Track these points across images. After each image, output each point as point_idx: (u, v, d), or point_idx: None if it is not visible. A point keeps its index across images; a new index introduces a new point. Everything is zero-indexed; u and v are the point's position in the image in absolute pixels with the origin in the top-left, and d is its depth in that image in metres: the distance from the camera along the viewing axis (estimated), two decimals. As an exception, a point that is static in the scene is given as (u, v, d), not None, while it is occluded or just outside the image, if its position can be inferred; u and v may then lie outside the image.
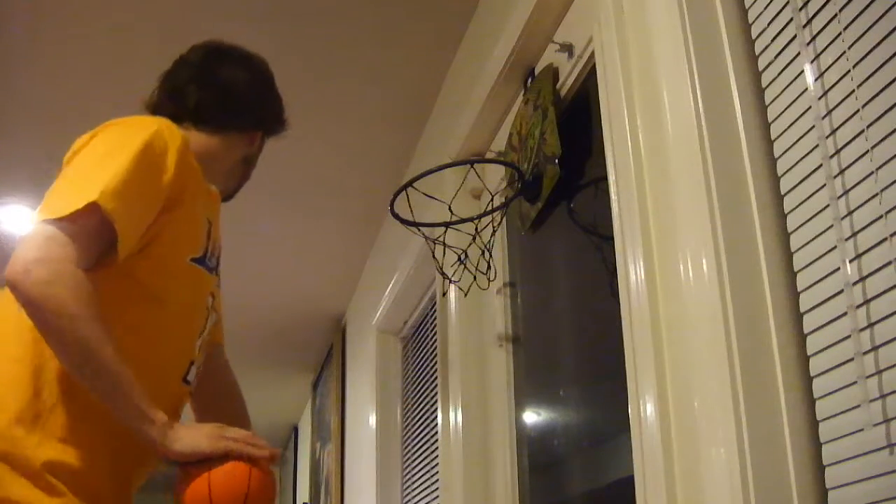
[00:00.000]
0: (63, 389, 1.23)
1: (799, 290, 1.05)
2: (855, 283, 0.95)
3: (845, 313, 0.96)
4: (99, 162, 1.28)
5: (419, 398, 3.08)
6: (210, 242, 1.41)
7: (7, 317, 1.26)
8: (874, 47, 0.94)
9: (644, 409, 1.21)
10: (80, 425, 1.23)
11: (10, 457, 1.18)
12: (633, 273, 1.28)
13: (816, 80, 1.04)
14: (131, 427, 1.20)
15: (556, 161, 1.70)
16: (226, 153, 1.51)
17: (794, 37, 1.08)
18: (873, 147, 0.94)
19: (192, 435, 1.22)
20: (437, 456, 2.55)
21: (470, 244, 2.01)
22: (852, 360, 0.94)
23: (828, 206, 1.00)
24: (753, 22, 1.18)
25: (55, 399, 1.23)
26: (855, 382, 0.94)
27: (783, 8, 1.11)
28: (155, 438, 1.19)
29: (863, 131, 0.96)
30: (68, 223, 1.20)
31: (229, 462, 1.21)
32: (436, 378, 2.61)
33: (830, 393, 0.99)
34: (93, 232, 1.22)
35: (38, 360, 1.24)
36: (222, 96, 1.52)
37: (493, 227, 2.03)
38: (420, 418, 3.03)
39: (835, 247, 0.99)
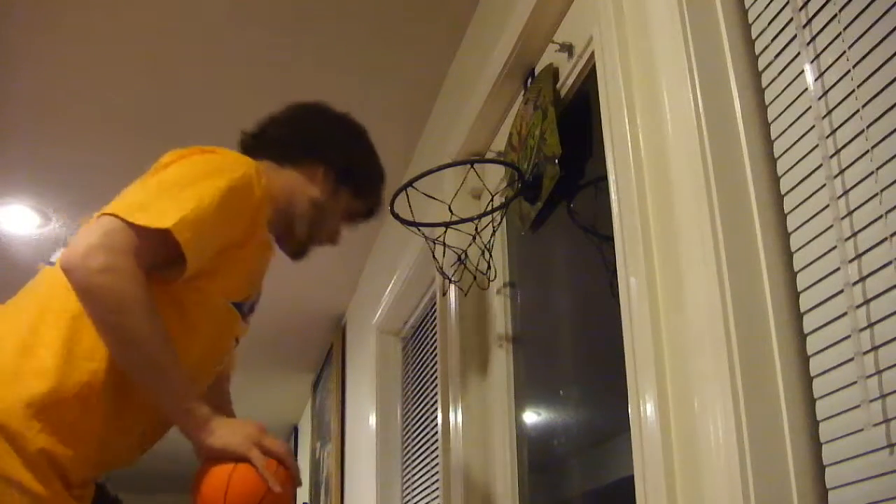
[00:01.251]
0: (84, 388, 1.25)
1: (799, 290, 1.06)
2: (855, 283, 0.95)
3: (845, 313, 0.96)
4: (188, 184, 1.28)
5: (419, 398, 3.08)
6: (253, 291, 1.44)
7: (51, 299, 1.28)
8: (874, 47, 0.94)
9: (644, 409, 1.21)
10: (81, 423, 1.25)
11: (14, 437, 1.19)
12: (633, 273, 1.28)
13: (816, 80, 1.04)
14: (172, 418, 1.23)
15: (556, 161, 1.70)
16: (289, 190, 1.50)
17: (794, 37, 1.08)
18: (873, 147, 0.94)
19: (228, 432, 1.23)
20: (437, 456, 2.55)
21: (470, 244, 2.01)
22: (852, 360, 0.94)
23: (828, 206, 1.00)
24: (753, 22, 1.18)
25: (71, 395, 1.24)
26: (855, 382, 0.94)
27: (783, 8, 1.11)
28: (192, 431, 1.22)
29: (863, 131, 0.96)
30: (136, 231, 1.22)
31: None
32: (436, 378, 2.61)
33: (830, 393, 0.99)
34: (155, 249, 1.23)
35: (70, 354, 1.25)
36: (287, 125, 1.55)
37: (493, 227, 2.03)
38: (420, 418, 3.03)
39: (835, 247, 0.99)
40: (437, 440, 2.51)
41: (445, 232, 2.08)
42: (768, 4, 1.14)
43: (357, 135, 1.65)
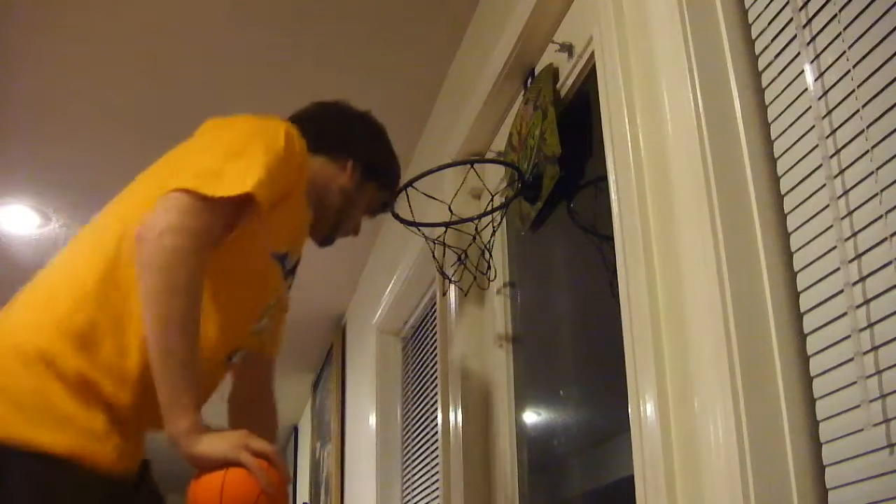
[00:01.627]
0: (119, 324, 1.27)
1: (799, 290, 1.06)
2: (855, 283, 0.95)
3: (845, 313, 0.96)
4: (247, 145, 1.33)
5: (419, 398, 3.08)
6: (292, 251, 1.47)
7: (110, 249, 1.31)
8: (874, 47, 0.94)
9: (644, 409, 1.21)
10: (117, 359, 1.26)
11: (52, 359, 1.21)
12: (633, 273, 1.28)
13: (816, 80, 1.04)
14: (164, 412, 1.22)
15: (556, 161, 1.70)
16: (322, 176, 1.57)
17: (794, 37, 1.08)
18: (873, 147, 0.94)
19: (215, 439, 1.22)
20: (437, 456, 2.55)
21: (470, 244, 2.02)
22: (852, 360, 0.94)
23: (828, 206, 1.00)
24: (753, 22, 1.18)
25: (107, 327, 1.26)
26: (855, 382, 0.94)
27: (783, 8, 1.11)
28: (178, 434, 1.21)
29: (863, 131, 0.96)
30: (213, 206, 1.25)
31: (245, 469, 1.21)
32: (436, 378, 2.61)
33: (830, 393, 0.99)
34: (228, 219, 1.29)
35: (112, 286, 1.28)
36: (315, 120, 1.62)
37: (493, 227, 2.03)
38: (420, 418, 3.03)
39: (835, 247, 0.99)
40: (437, 440, 2.51)
41: (445, 232, 2.08)
42: (768, 4, 1.14)
43: (379, 132, 1.75)
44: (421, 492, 2.92)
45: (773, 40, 1.13)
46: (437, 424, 2.46)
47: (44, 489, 1.16)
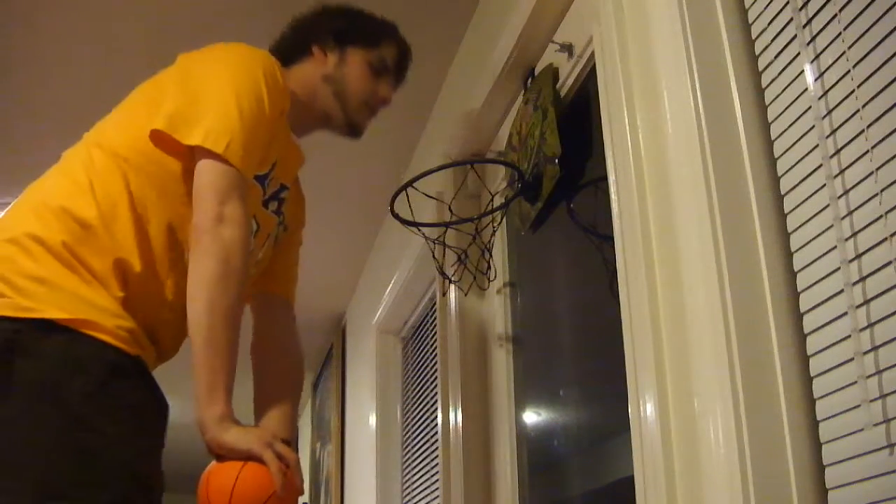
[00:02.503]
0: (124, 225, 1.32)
1: (799, 290, 1.06)
2: (855, 283, 0.95)
3: (845, 313, 0.96)
4: (229, 94, 1.35)
5: (419, 398, 3.08)
6: (272, 172, 1.46)
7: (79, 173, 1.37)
8: (874, 47, 0.94)
9: (644, 409, 1.21)
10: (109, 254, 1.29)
11: (45, 241, 1.26)
12: (632, 273, 1.28)
13: (816, 80, 1.04)
14: (196, 394, 1.24)
15: (556, 161, 1.70)
16: (303, 83, 1.56)
17: (794, 37, 1.08)
18: (873, 147, 0.94)
19: (241, 431, 1.24)
20: (437, 456, 2.55)
21: (470, 244, 2.01)
22: (852, 360, 0.94)
23: (828, 206, 1.00)
24: (753, 22, 1.18)
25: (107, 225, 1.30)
26: (855, 382, 0.94)
27: (783, 8, 1.11)
28: (209, 420, 1.23)
29: (863, 131, 0.96)
30: (236, 169, 1.31)
31: (263, 466, 1.23)
32: (436, 378, 2.61)
33: (830, 393, 0.99)
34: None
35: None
36: (278, 40, 1.63)
37: (493, 227, 2.03)
38: (420, 418, 3.03)
39: (835, 247, 0.99)
40: (437, 440, 2.51)
41: (445, 232, 2.08)
42: (768, 4, 1.14)
43: (339, 3, 1.68)
44: (421, 492, 2.92)
45: (773, 40, 1.13)
46: (437, 424, 2.46)
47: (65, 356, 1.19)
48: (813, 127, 1.04)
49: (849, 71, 0.98)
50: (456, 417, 2.18)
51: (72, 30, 2.42)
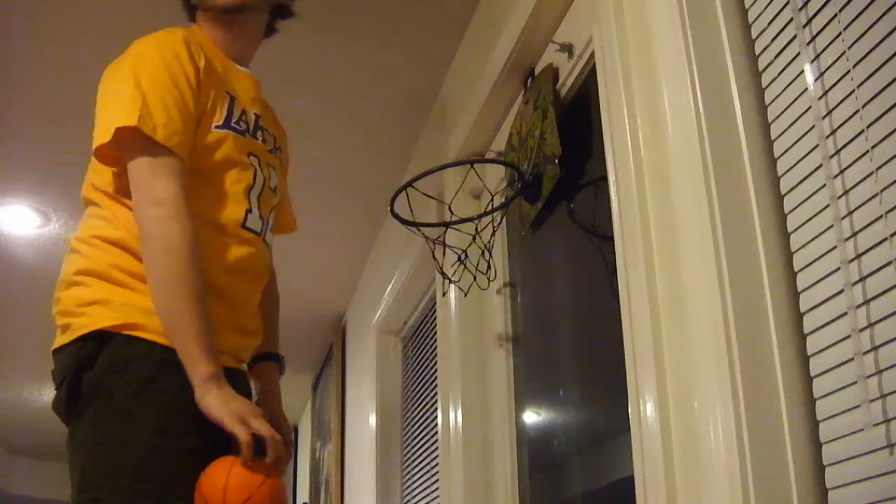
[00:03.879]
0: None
1: (799, 290, 1.06)
2: (855, 283, 0.95)
3: (845, 313, 0.96)
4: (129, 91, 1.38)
5: (419, 398, 3.08)
6: (236, 111, 1.47)
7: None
8: (874, 47, 0.95)
9: (644, 409, 1.21)
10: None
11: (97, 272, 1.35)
12: (633, 273, 1.28)
13: (816, 80, 1.04)
14: (183, 359, 1.28)
15: (556, 161, 1.70)
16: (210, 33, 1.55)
17: (794, 37, 1.08)
18: (873, 147, 0.94)
19: (221, 400, 1.26)
20: (437, 456, 2.55)
21: (470, 244, 2.01)
22: (852, 360, 0.95)
23: (828, 206, 1.00)
24: (753, 22, 1.18)
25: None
26: (855, 382, 0.94)
27: (783, 8, 1.11)
28: (193, 381, 1.26)
29: (863, 131, 0.96)
30: (168, 150, 1.34)
31: (251, 462, 1.24)
32: (436, 378, 2.61)
33: (830, 393, 0.99)
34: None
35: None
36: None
37: (493, 227, 2.03)
38: (420, 418, 3.03)
39: (835, 247, 0.99)
40: (437, 440, 2.51)
41: (445, 232, 2.08)
42: (768, 4, 1.14)
43: None
44: (421, 492, 2.92)
45: (773, 40, 1.13)
46: (437, 424, 2.46)
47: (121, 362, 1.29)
48: (813, 127, 1.04)
49: (849, 71, 0.98)
50: (456, 417, 2.18)
51: (72, 29, 2.42)
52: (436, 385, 2.62)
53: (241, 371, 1.48)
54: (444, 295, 2.35)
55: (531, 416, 1.95)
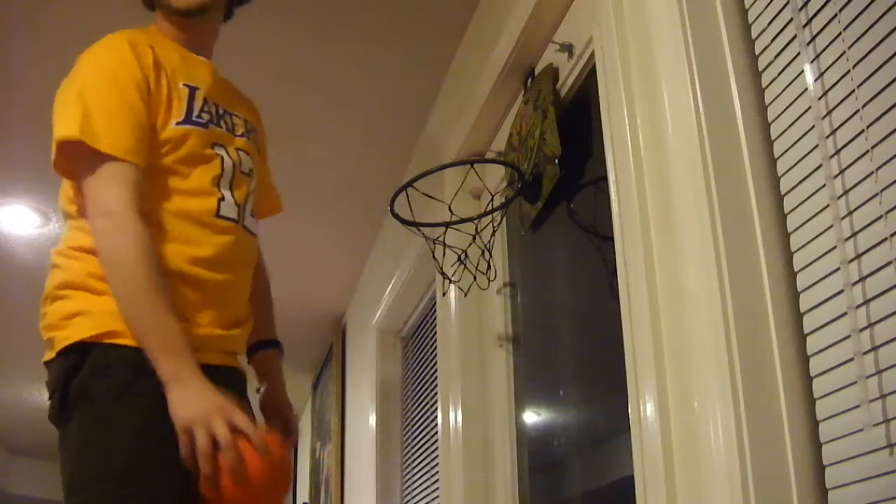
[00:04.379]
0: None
1: (799, 290, 1.06)
2: (855, 283, 0.95)
3: (845, 313, 0.96)
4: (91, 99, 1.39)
5: (419, 398, 3.08)
6: (196, 103, 1.47)
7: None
8: (874, 47, 0.95)
9: (644, 409, 1.21)
10: None
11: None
12: (633, 273, 1.28)
13: (816, 80, 1.04)
14: (153, 359, 1.28)
15: (556, 161, 1.70)
16: (165, 24, 1.56)
17: (794, 37, 1.08)
18: (873, 147, 0.94)
19: (179, 402, 1.25)
20: (437, 456, 2.55)
21: (470, 244, 2.01)
22: (852, 360, 0.95)
23: (828, 206, 1.00)
24: (753, 22, 1.18)
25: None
26: (855, 382, 0.94)
27: (783, 8, 1.11)
28: (165, 381, 1.26)
29: (863, 131, 0.96)
30: (113, 158, 1.34)
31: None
32: (436, 378, 2.61)
33: (830, 393, 0.99)
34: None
35: None
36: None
37: (493, 227, 2.03)
38: (420, 418, 3.03)
39: (835, 247, 0.99)
40: (437, 440, 2.51)
41: (445, 232, 2.08)
42: (768, 4, 1.14)
43: None
44: (421, 492, 2.92)
45: (773, 40, 1.13)
46: (437, 424, 2.46)
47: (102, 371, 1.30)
48: (813, 127, 1.04)
49: (849, 71, 0.98)
50: (456, 417, 2.18)
51: (72, 29, 2.42)
52: (436, 385, 2.62)
53: (231, 367, 1.46)
54: (444, 295, 2.35)
55: (531, 416, 1.95)
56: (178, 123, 1.43)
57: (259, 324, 1.60)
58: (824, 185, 1.01)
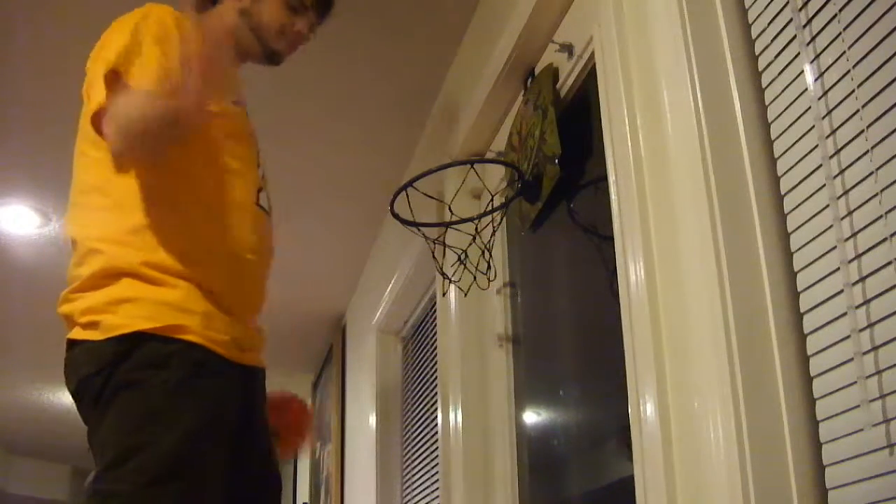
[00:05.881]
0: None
1: (799, 290, 1.06)
2: (855, 283, 0.95)
3: (845, 313, 0.96)
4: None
5: (419, 398, 3.08)
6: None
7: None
8: (874, 47, 0.95)
9: (644, 409, 1.21)
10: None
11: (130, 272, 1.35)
12: (633, 273, 1.28)
13: (816, 80, 1.04)
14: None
15: (556, 161, 1.70)
16: (221, 21, 1.58)
17: (794, 37, 1.08)
18: (873, 147, 0.94)
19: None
20: (437, 456, 2.55)
21: (470, 244, 2.01)
22: (852, 360, 0.95)
23: (828, 206, 1.00)
24: (753, 22, 1.18)
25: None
26: (855, 382, 0.94)
27: (783, 8, 1.11)
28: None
29: (863, 131, 0.96)
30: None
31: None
32: (436, 378, 2.61)
33: (830, 393, 0.99)
34: None
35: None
36: None
37: (493, 227, 2.03)
38: (420, 418, 3.03)
39: (835, 247, 0.99)
40: (437, 440, 2.51)
41: (445, 232, 2.08)
42: (768, 4, 1.14)
43: None
44: (421, 492, 2.92)
45: (773, 40, 1.13)
46: (437, 424, 2.46)
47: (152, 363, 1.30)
48: (813, 127, 1.04)
49: (849, 71, 0.98)
50: (456, 417, 2.18)
51: (72, 29, 2.42)
52: (436, 385, 2.61)
53: (254, 368, 1.47)
54: (444, 295, 2.35)
55: (531, 416, 1.95)
56: (234, 102, 1.47)
57: None
58: (824, 185, 1.01)
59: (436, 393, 2.60)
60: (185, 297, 1.34)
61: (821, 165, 1.02)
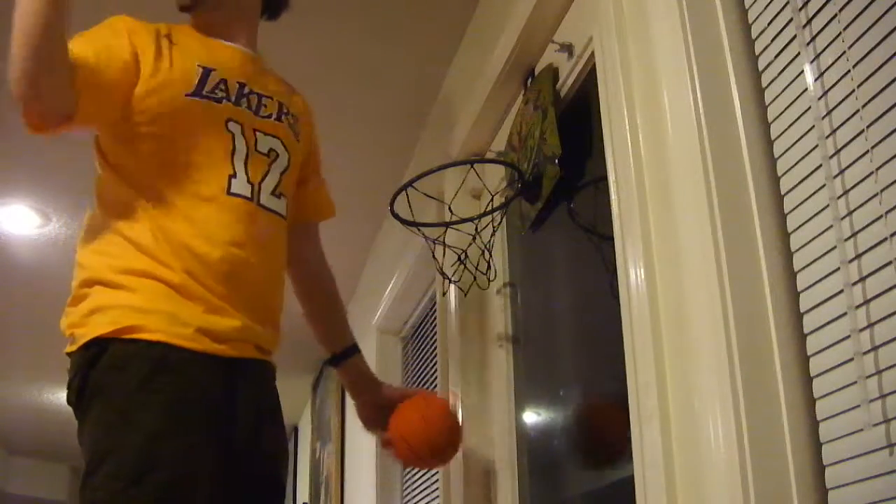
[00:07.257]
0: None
1: (799, 290, 1.06)
2: (855, 283, 0.95)
3: (845, 313, 0.96)
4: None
5: (419, 398, 3.07)
6: (210, 81, 1.49)
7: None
8: (874, 47, 0.94)
9: (644, 408, 1.21)
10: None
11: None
12: (633, 273, 1.28)
13: (816, 80, 1.04)
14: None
15: (556, 161, 1.70)
16: None
17: (794, 37, 1.08)
18: (873, 147, 0.94)
19: None
20: (437, 456, 2.55)
21: (470, 244, 2.01)
22: (852, 360, 0.95)
23: (828, 206, 1.00)
24: (753, 22, 1.18)
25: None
26: (855, 382, 0.94)
27: (783, 8, 1.11)
28: None
29: (863, 131, 0.96)
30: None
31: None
32: (436, 378, 2.61)
33: (830, 393, 0.99)
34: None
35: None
36: None
37: (493, 227, 2.03)
38: (420, 418, 3.02)
39: (835, 247, 0.99)
40: (437, 440, 2.50)
41: (445, 232, 2.08)
42: (768, 4, 1.14)
43: None
44: (421, 492, 2.92)
45: (773, 40, 1.13)
46: (437, 424, 2.45)
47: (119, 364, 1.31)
48: (813, 127, 1.04)
49: (849, 71, 0.98)
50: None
51: (72, 29, 2.42)
52: (436, 385, 2.61)
53: (242, 360, 1.45)
54: (444, 295, 2.35)
55: (531, 416, 1.95)
56: (187, 95, 1.45)
57: (334, 328, 1.69)
58: (824, 185, 1.01)
59: (436, 393, 2.59)
60: (147, 297, 1.35)
61: (821, 165, 1.02)
